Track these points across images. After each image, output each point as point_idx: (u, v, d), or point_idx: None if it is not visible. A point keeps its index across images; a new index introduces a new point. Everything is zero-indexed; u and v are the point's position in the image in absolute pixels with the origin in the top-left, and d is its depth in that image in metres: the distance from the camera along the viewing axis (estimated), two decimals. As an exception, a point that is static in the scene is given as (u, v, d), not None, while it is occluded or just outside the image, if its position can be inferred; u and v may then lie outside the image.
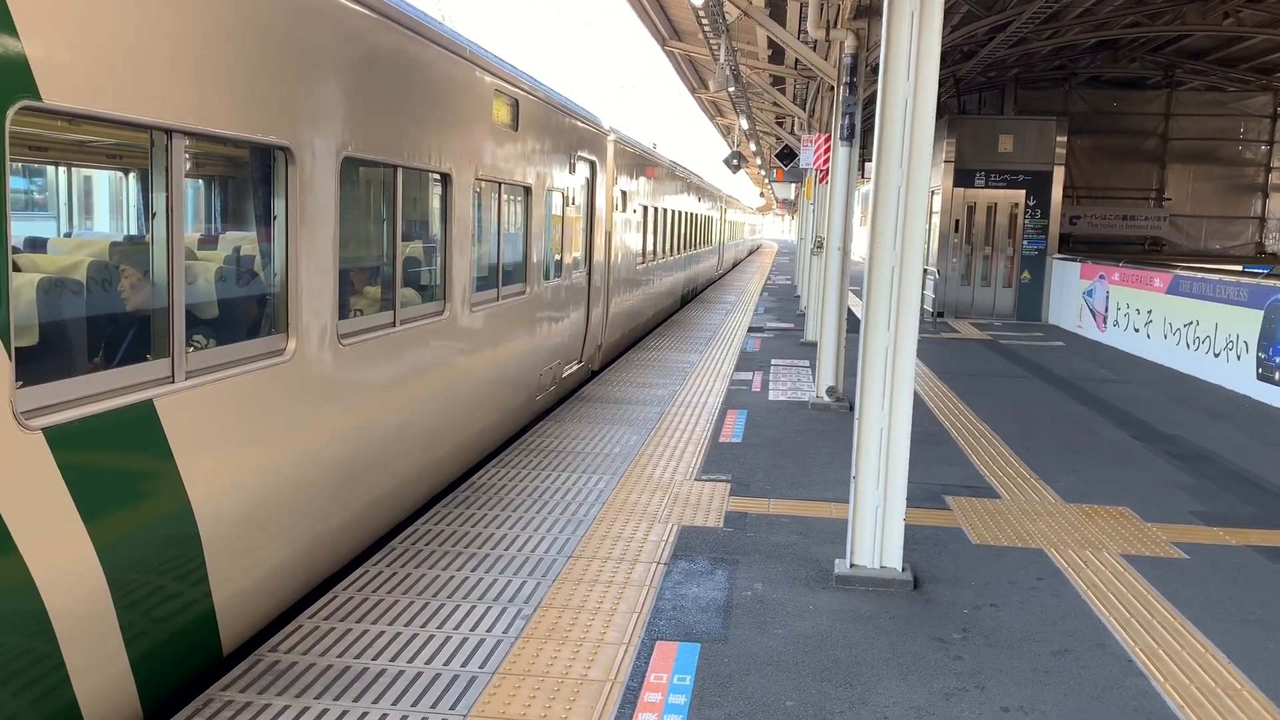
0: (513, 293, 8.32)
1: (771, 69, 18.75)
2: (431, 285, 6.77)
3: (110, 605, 3.52)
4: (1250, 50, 18.90)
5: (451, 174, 6.59)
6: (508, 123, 7.81)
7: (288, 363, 4.63)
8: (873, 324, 5.19)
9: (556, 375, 10.08)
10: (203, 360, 4.11)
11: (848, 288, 10.52)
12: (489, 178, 7.43)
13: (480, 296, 7.44)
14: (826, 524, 6.32)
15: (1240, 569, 5.77)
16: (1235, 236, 22.11)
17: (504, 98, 7.66)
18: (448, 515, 6.22)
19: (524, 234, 8.63)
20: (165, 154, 3.78)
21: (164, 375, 3.82)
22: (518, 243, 8.58)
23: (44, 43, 3.11)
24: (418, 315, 6.28)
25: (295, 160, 4.59)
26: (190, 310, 4.09)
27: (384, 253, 6.06)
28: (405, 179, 6.03)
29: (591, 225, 11.62)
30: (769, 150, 32.87)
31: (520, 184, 8.31)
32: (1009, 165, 19.85)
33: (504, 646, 4.42)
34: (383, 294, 6.00)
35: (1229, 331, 12.34)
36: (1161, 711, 4.06)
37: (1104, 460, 8.32)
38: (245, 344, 4.43)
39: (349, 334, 5.30)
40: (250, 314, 4.77)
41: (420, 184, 6.65)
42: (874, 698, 4.08)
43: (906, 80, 5.05)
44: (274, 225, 4.65)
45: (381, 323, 5.77)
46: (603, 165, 11.97)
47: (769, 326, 18.04)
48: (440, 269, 6.74)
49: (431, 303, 6.63)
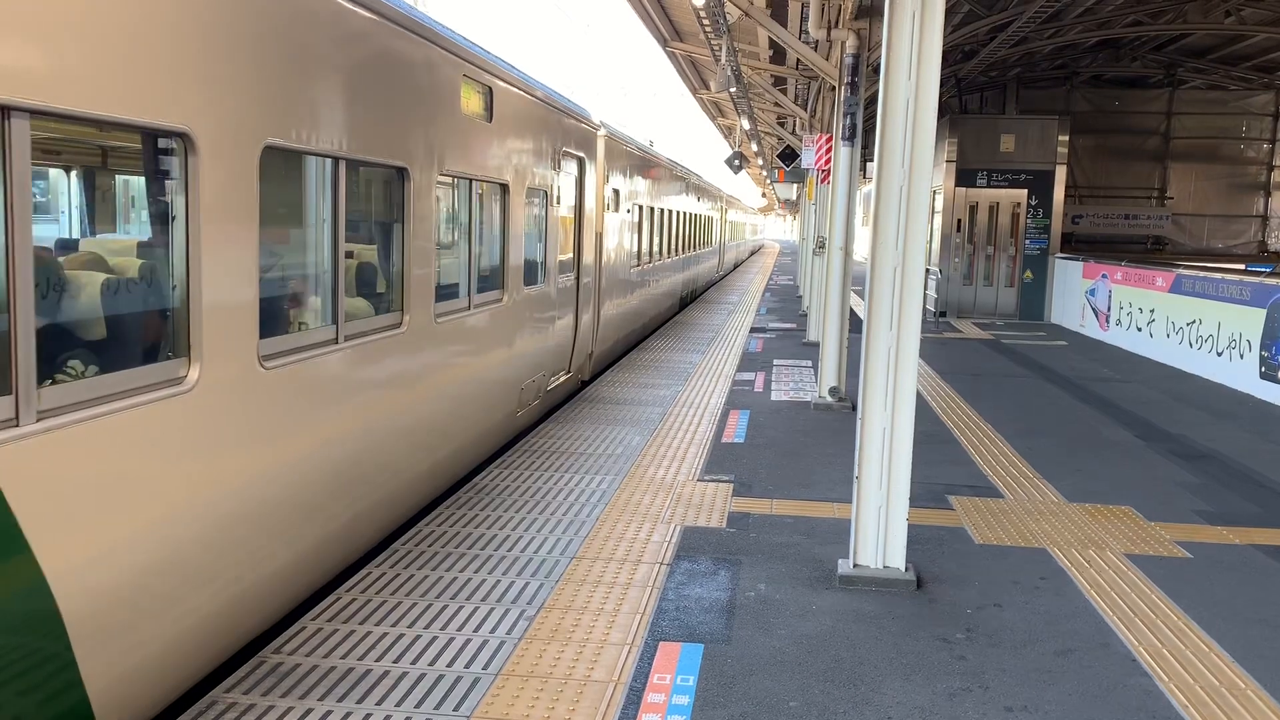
0: (487, 301, 7.52)
1: (773, 69, 18.75)
2: (388, 294, 5.93)
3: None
4: (1252, 49, 18.88)
5: (409, 169, 5.81)
6: (479, 113, 7.03)
7: (188, 394, 3.80)
8: (875, 324, 5.19)
9: (540, 388, 9.32)
10: (62, 396, 3.26)
11: (850, 288, 10.51)
12: (457, 174, 6.69)
13: (447, 306, 6.68)
14: (829, 524, 6.31)
15: (1244, 568, 5.76)
16: (1238, 235, 22.09)
17: (474, 85, 6.90)
18: (450, 516, 6.22)
19: (501, 236, 7.87)
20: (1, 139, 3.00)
21: (3, 418, 3.02)
22: (493, 245, 7.83)
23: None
24: (369, 330, 5.48)
25: (196, 149, 3.79)
26: (54, 331, 3.42)
27: (325, 259, 5.16)
28: (350, 174, 5.27)
29: (580, 226, 10.89)
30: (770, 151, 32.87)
31: (495, 181, 7.55)
32: (1011, 165, 19.85)
33: (507, 648, 4.42)
34: (325, 306, 5.15)
35: (1232, 330, 12.32)
36: (1165, 711, 4.05)
37: (1107, 459, 8.31)
38: (126, 374, 3.56)
39: (275, 355, 4.48)
40: (137, 335, 3.95)
41: (371, 180, 5.83)
42: (877, 698, 4.08)
43: (908, 80, 5.04)
44: (172, 227, 3.87)
45: (320, 340, 4.95)
46: (592, 162, 11.24)
47: (771, 327, 18.03)
48: (398, 276, 5.92)
49: (387, 314, 5.80)
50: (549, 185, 9.21)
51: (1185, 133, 21.58)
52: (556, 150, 9.41)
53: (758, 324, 18.46)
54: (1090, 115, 21.45)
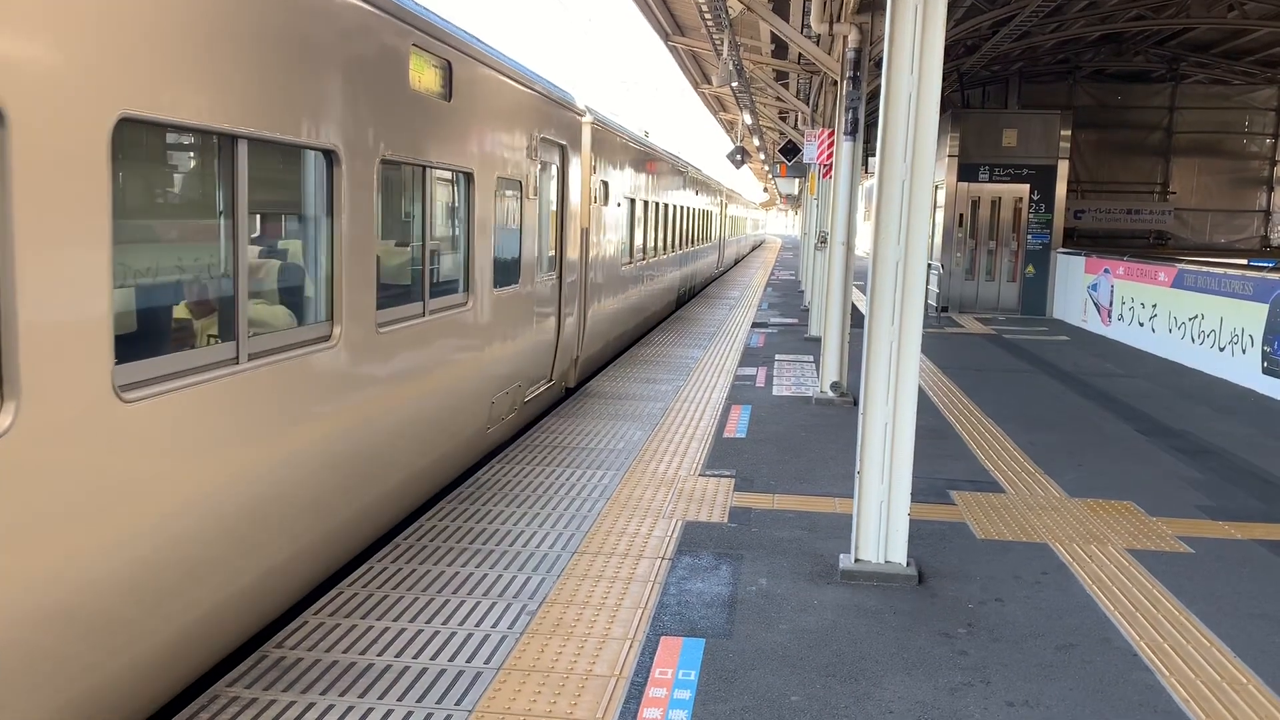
0: (448, 306, 6.64)
1: (774, 64, 18.71)
2: (316, 301, 5.03)
3: None
4: (1255, 43, 18.84)
5: (338, 152, 4.88)
6: (436, 91, 6.17)
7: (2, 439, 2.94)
8: (877, 319, 5.18)
9: (516, 401, 8.41)
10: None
11: (852, 283, 10.50)
12: (406, 159, 5.78)
13: (396, 313, 5.82)
14: (831, 519, 6.31)
15: (1246, 563, 5.76)
16: (1240, 230, 22.06)
17: (429, 58, 6.04)
18: (452, 511, 6.23)
19: (464, 232, 6.98)
20: None
21: None
22: (455, 243, 6.98)
23: None
24: (284, 345, 4.57)
25: (5, 122, 2.90)
26: None
27: (222, 260, 4.21)
28: (259, 158, 4.33)
29: (563, 221, 9.94)
30: (772, 145, 32.84)
31: (456, 169, 6.64)
32: (1013, 159, 19.82)
33: (509, 642, 4.42)
34: (223, 318, 4.23)
35: (1234, 325, 12.31)
36: (1167, 705, 4.05)
37: (1109, 455, 8.31)
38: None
39: (139, 383, 3.55)
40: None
41: (290, 165, 4.89)
42: (879, 692, 4.08)
43: (910, 74, 5.03)
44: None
45: (212, 360, 4.01)
46: (576, 151, 10.33)
47: (773, 322, 18.02)
48: (327, 279, 5.00)
49: (312, 325, 4.89)
50: (524, 176, 8.28)
51: (1188, 127, 21.55)
52: (534, 137, 8.48)
53: (759, 319, 18.45)
54: (1093, 110, 21.42)
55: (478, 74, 6.96)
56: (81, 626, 3.31)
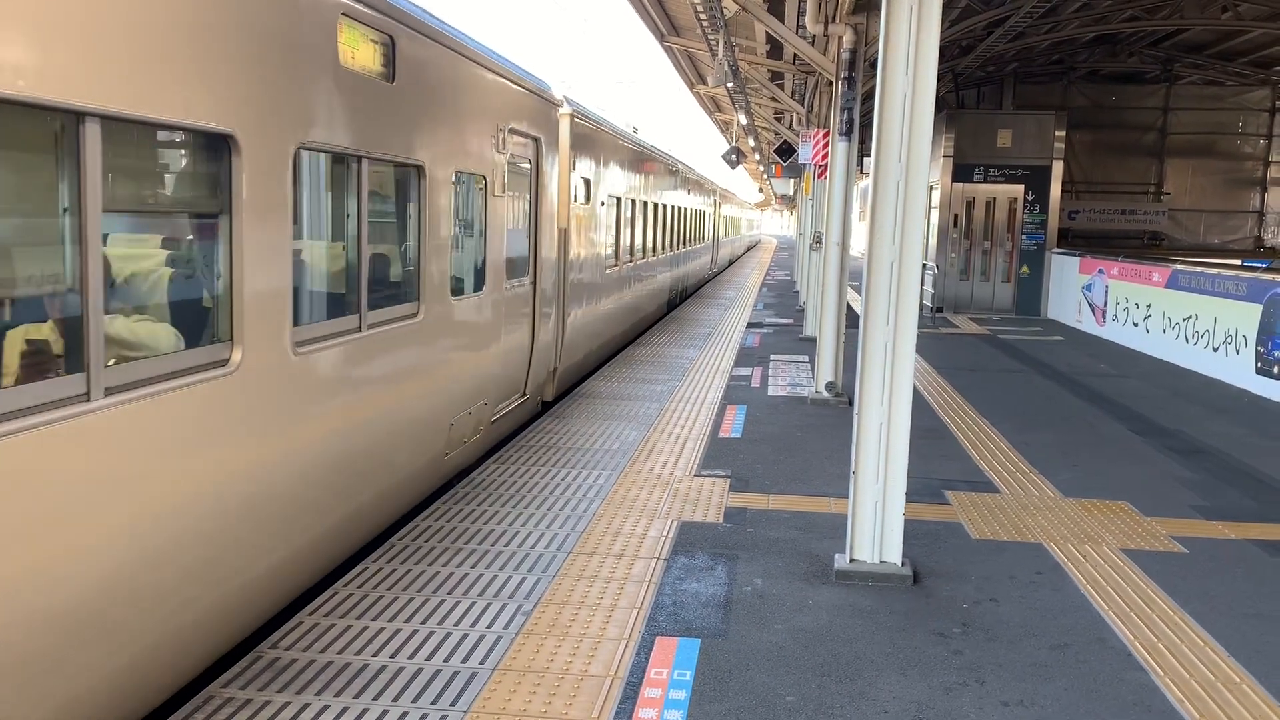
0: (393, 318, 5.80)
1: (770, 64, 18.73)
2: (210, 318, 4.19)
3: None
4: (1248, 44, 18.89)
5: (236, 137, 4.02)
6: (374, 70, 5.35)
7: None
8: (872, 319, 5.19)
9: (482, 420, 7.59)
10: None
11: (847, 283, 10.51)
12: (335, 148, 4.98)
13: (321, 329, 4.97)
14: (826, 519, 6.32)
15: (1240, 563, 5.77)
16: (1234, 230, 22.11)
17: (365, 31, 5.23)
18: (447, 511, 6.22)
19: (414, 233, 6.17)
20: None
21: None
22: (401, 245, 6.18)
23: None
24: (157, 375, 3.68)
25: None
26: None
27: (63, 269, 3.36)
28: (120, 140, 3.55)
29: (538, 220, 9.08)
30: (768, 146, 32.86)
31: (402, 161, 5.83)
32: (1008, 160, 19.86)
33: (504, 643, 4.42)
34: (68, 338, 3.36)
35: (1228, 326, 12.34)
36: (1161, 705, 4.06)
37: (1103, 455, 8.32)
38: None
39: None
40: None
41: (169, 152, 4.14)
42: (874, 692, 4.09)
43: (905, 75, 5.04)
44: None
45: (50, 397, 3.17)
46: (552, 145, 9.45)
47: (768, 322, 18.03)
48: (225, 290, 4.13)
49: (199, 348, 3.99)
50: (489, 171, 7.42)
51: (1182, 128, 21.59)
52: (500, 128, 7.63)
53: (755, 319, 18.45)
54: (1087, 110, 21.46)
55: (428, 53, 6.11)
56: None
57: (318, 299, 5.24)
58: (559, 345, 10.14)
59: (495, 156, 7.57)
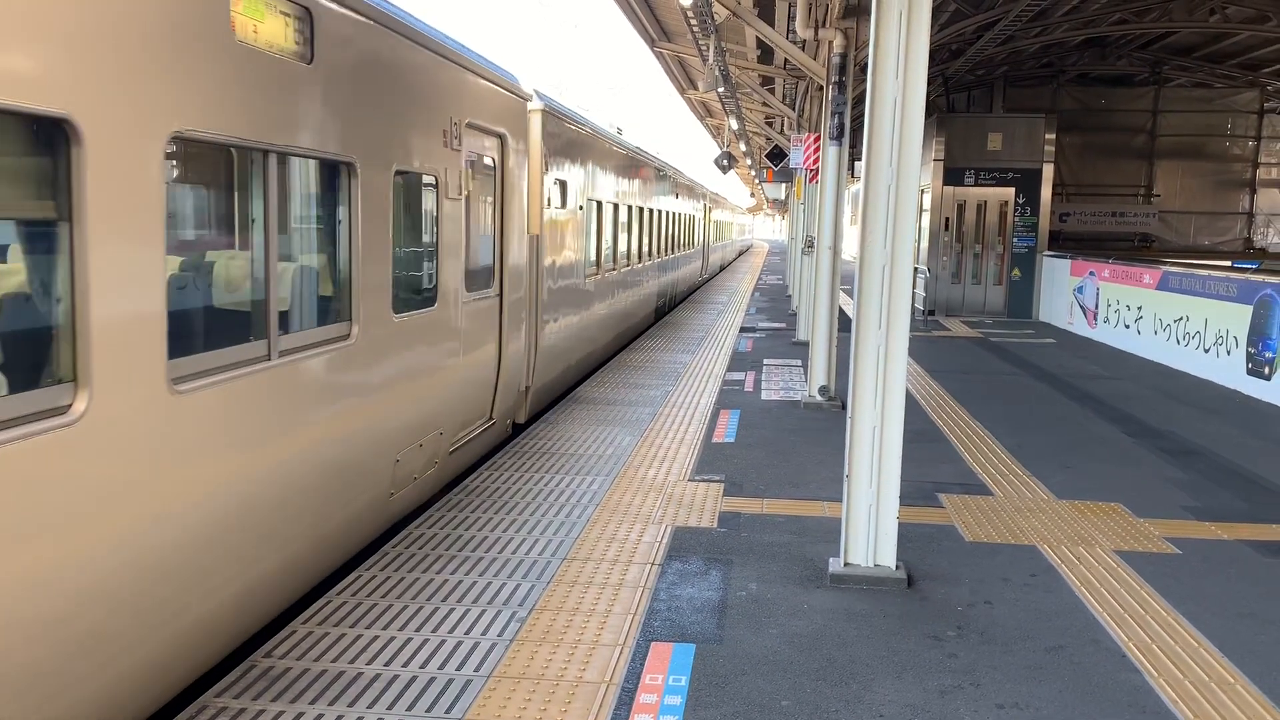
0: (316, 342, 4.98)
1: (760, 69, 18.78)
2: (48, 351, 3.31)
3: None
4: (1237, 46, 18.99)
5: (75, 122, 3.20)
6: (286, 49, 4.58)
7: None
8: (864, 323, 5.20)
9: (437, 452, 6.83)
10: None
11: (839, 287, 10.53)
12: (231, 140, 4.16)
13: (212, 360, 4.13)
14: (820, 523, 6.32)
15: (1232, 563, 5.79)
16: (1224, 232, 22.21)
17: (273, 2, 4.51)
18: (441, 519, 6.21)
19: (345, 241, 5.33)
20: None
21: None
22: (328, 256, 5.32)
23: None
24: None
25: None
26: None
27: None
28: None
29: (504, 226, 8.21)
30: (759, 150, 32.94)
31: (326, 157, 5.01)
32: (998, 163, 19.92)
33: (499, 650, 4.41)
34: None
35: (1219, 327, 12.38)
36: (1156, 706, 4.07)
37: (1096, 456, 8.34)
38: None
39: None
40: None
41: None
42: (869, 696, 4.09)
43: (895, 79, 5.05)
44: None
45: None
46: (520, 143, 8.56)
47: (761, 326, 18.05)
48: (63, 318, 3.29)
49: (30, 392, 3.15)
50: (441, 170, 6.63)
51: (1171, 130, 21.70)
52: (455, 122, 6.81)
53: (747, 324, 18.47)
54: (1077, 113, 21.55)
55: (358, 32, 5.29)
56: None
57: (213, 323, 4.43)
58: (531, 362, 9.37)
59: (448, 154, 6.75)
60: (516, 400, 8.99)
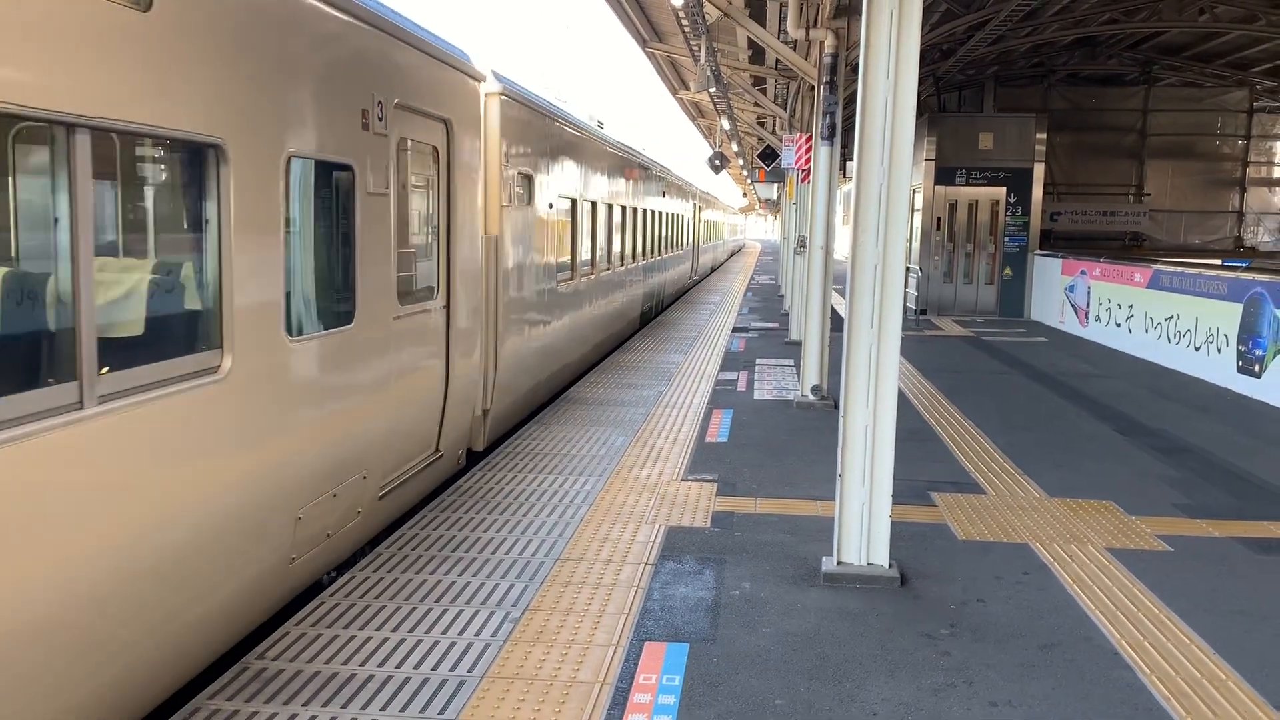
0: (163, 380, 3.82)
1: (752, 69, 18.80)
2: None
3: None
4: (1226, 45, 19.06)
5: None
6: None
7: None
8: (856, 322, 5.20)
9: (360, 500, 5.63)
10: None
11: (831, 287, 10.54)
12: (20, 109, 3.08)
13: None
14: (813, 522, 6.33)
15: (1223, 560, 5.81)
16: (1214, 231, 22.30)
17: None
18: (434, 519, 6.20)
19: (211, 246, 4.21)
20: None
21: None
22: (185, 265, 4.21)
23: None
24: None
25: None
26: None
27: None
28: None
29: (452, 226, 7.05)
30: (751, 151, 32.95)
31: (176, 135, 3.87)
32: (989, 162, 19.97)
33: (492, 650, 4.40)
34: None
35: (1209, 325, 12.43)
36: (1148, 703, 4.08)
37: (1088, 454, 8.36)
38: None
39: None
40: None
41: None
42: (863, 695, 4.09)
43: (886, 79, 5.06)
44: None
45: None
46: (471, 131, 7.41)
47: (753, 326, 18.06)
48: None
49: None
50: (357, 157, 5.43)
51: (1161, 129, 21.77)
52: (378, 100, 5.66)
53: (740, 324, 18.48)
54: (1067, 113, 21.60)
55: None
56: None
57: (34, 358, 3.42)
58: (490, 383, 8.21)
59: (370, 140, 5.57)
60: (472, 426, 7.96)
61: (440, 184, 6.99)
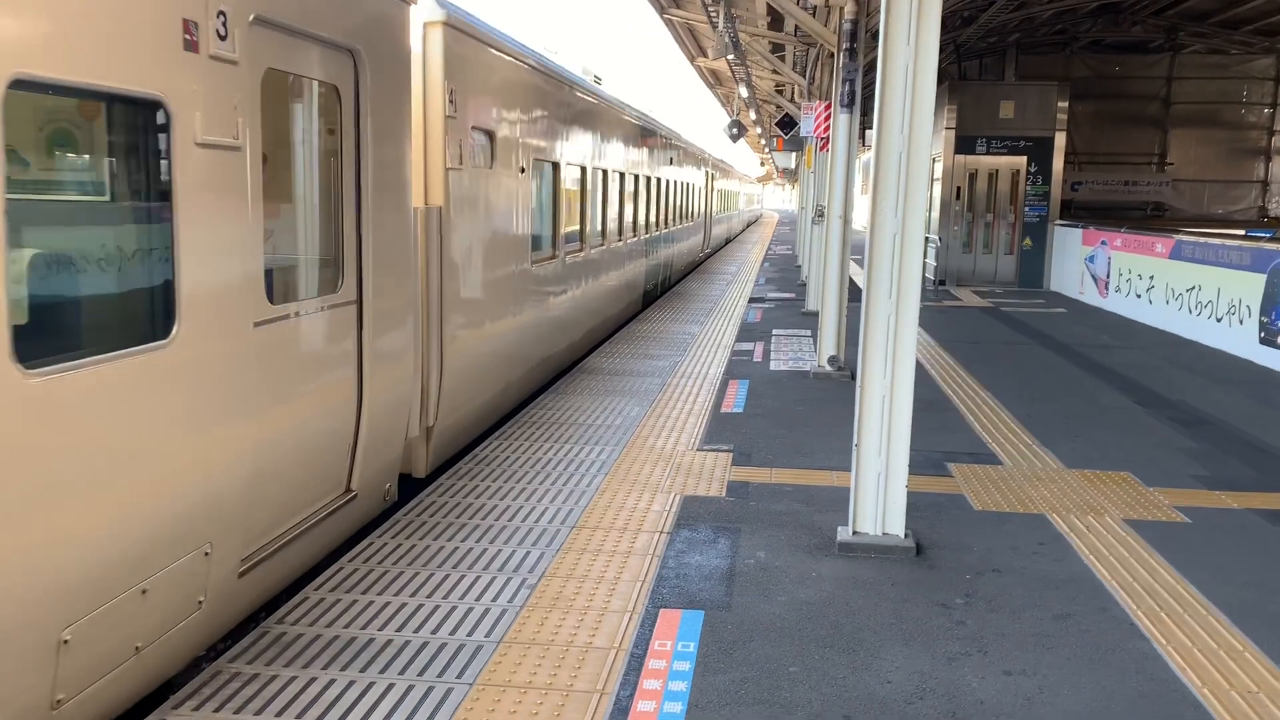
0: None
1: (771, 36, 18.61)
2: None
3: None
4: (1254, 11, 18.73)
5: None
6: None
7: None
8: (875, 292, 5.18)
9: (208, 581, 4.04)
10: None
11: (849, 257, 10.49)
12: None
13: None
14: (828, 492, 6.33)
15: (1241, 532, 5.79)
16: (1238, 200, 22.02)
17: None
18: (452, 487, 6.24)
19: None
20: None
21: None
22: None
23: None
24: None
25: None
26: None
27: None
28: None
29: (362, 194, 5.29)
30: (769, 119, 32.69)
31: None
32: (1010, 131, 19.74)
33: (509, 615, 4.44)
34: None
35: (1231, 296, 12.31)
36: (1164, 674, 4.08)
37: (1106, 425, 8.32)
38: None
39: None
40: None
41: None
42: (877, 663, 4.11)
43: (907, 45, 5.00)
44: None
45: None
46: (394, 69, 5.65)
47: (770, 297, 18.01)
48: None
49: None
50: (171, 89, 3.62)
51: (1185, 98, 21.46)
52: (217, 12, 3.89)
53: (756, 294, 18.43)
54: (1090, 81, 21.32)
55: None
56: None
57: None
58: (435, 390, 6.68)
59: (196, 67, 3.79)
60: (408, 450, 6.48)
61: (347, 137, 5.26)
